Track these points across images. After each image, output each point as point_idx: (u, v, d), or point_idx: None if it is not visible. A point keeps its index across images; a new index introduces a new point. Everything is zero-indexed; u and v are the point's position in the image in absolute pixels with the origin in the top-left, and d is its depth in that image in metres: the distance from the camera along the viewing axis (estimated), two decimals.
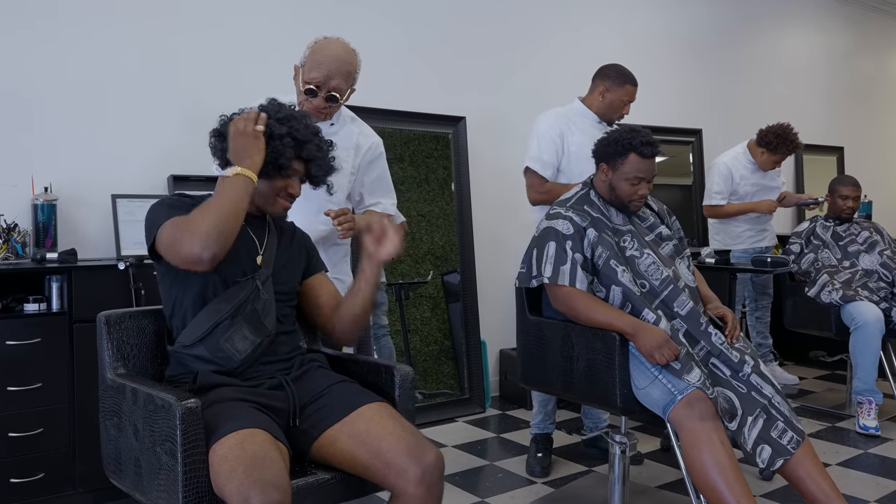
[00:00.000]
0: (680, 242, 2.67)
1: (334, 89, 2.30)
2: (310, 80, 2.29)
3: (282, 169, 1.83)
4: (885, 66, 7.25)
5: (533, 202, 3.16)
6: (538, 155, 3.11)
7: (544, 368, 2.59)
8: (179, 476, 1.54)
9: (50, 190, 2.96)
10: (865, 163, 6.80)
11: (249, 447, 1.53)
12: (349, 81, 2.35)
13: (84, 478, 2.70)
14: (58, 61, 3.03)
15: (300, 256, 2.00)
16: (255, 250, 1.87)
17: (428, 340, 3.98)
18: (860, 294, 3.78)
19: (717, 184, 4.39)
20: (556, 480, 3.05)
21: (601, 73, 3.17)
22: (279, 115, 1.83)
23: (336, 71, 2.29)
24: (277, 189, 1.87)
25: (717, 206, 4.41)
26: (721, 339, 2.39)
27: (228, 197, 1.69)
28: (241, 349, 1.75)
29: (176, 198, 1.83)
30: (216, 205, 1.67)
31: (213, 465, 1.54)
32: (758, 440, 2.27)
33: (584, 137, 3.04)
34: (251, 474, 1.46)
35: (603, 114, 3.14)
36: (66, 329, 2.69)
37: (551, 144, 3.09)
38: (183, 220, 1.68)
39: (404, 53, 4.03)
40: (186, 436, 1.54)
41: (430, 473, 1.66)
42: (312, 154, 1.88)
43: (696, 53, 5.50)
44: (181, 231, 1.66)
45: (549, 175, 3.10)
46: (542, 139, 3.11)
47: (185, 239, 1.64)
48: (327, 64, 2.28)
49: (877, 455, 3.36)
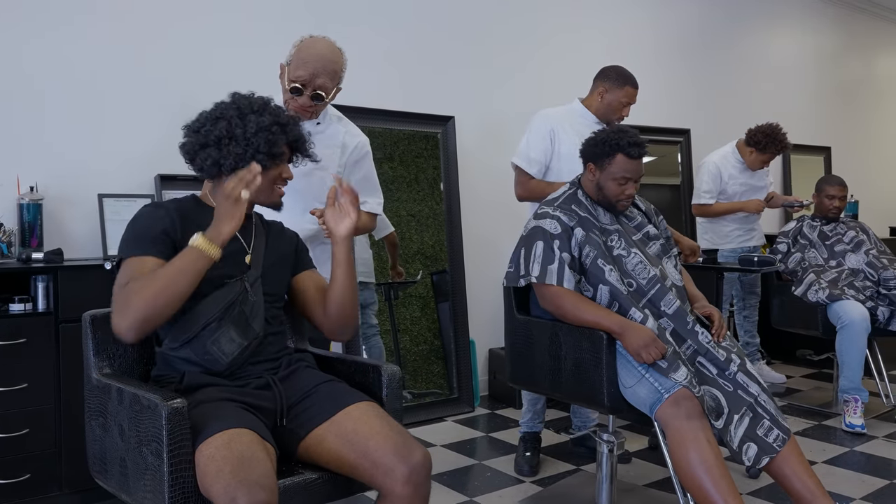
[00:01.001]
0: (667, 242, 2.68)
1: (320, 88, 2.30)
2: (295, 78, 2.29)
3: (277, 157, 1.83)
4: (872, 67, 7.30)
5: (518, 198, 3.20)
6: (526, 152, 3.13)
7: (532, 368, 2.60)
8: (165, 476, 1.53)
9: (36, 189, 2.95)
10: (852, 163, 6.84)
11: (236, 447, 1.53)
12: (335, 80, 2.35)
13: (70, 478, 2.69)
14: (44, 61, 3.02)
15: (288, 256, 1.99)
16: (243, 251, 1.86)
17: (417, 340, 3.98)
18: (846, 293, 3.80)
19: (706, 183, 4.41)
20: (544, 479, 3.05)
21: (602, 74, 3.18)
22: (255, 107, 1.81)
23: (321, 69, 2.29)
24: (273, 178, 1.86)
25: (706, 206, 4.43)
26: (708, 338, 2.41)
27: (174, 278, 1.63)
28: (227, 352, 1.74)
29: (149, 217, 1.76)
30: (161, 283, 1.62)
31: (199, 466, 1.54)
32: (744, 438, 2.28)
33: (579, 138, 3.05)
34: (238, 474, 1.46)
35: (602, 115, 3.14)
36: (52, 329, 2.67)
37: (541, 142, 3.11)
38: (123, 290, 1.65)
39: (393, 52, 4.02)
40: (172, 436, 1.53)
41: (418, 473, 1.66)
42: (297, 134, 1.88)
43: (684, 54, 5.53)
44: (118, 300, 1.65)
45: (534, 172, 3.11)
46: (532, 136, 3.13)
47: (116, 311, 1.64)
48: (313, 62, 2.28)
49: (863, 453, 3.38)
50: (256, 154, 1.77)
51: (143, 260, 1.69)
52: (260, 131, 1.78)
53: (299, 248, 2.05)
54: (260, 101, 1.85)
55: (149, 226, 1.74)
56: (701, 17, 5.63)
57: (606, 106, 3.12)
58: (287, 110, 1.92)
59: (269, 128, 1.79)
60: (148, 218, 1.77)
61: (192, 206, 1.87)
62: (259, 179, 1.72)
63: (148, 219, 1.76)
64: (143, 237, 1.72)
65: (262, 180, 1.78)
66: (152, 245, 1.71)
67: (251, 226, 1.93)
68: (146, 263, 1.68)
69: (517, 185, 3.17)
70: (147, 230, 1.73)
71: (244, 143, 1.77)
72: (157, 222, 1.75)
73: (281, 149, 1.83)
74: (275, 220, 2.05)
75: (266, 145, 1.78)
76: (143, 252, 1.70)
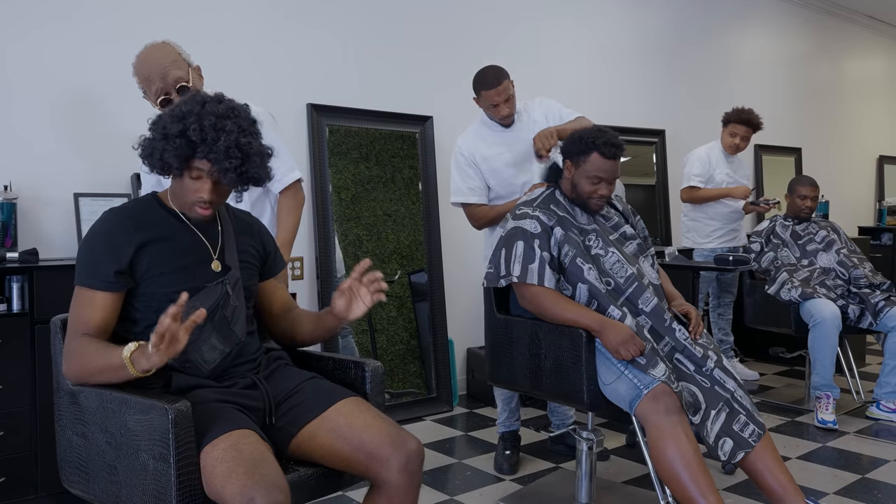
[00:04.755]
0: (644, 241, 2.71)
1: (176, 81, 2.33)
2: (157, 91, 2.34)
3: (168, 168, 1.70)
4: (841, 69, 7.43)
5: (478, 229, 3.19)
6: (460, 187, 3.10)
7: (512, 366, 2.61)
8: (173, 480, 1.51)
9: (10, 188, 2.90)
10: (822, 163, 6.96)
11: (245, 448, 1.53)
12: (182, 66, 2.38)
13: (46, 481, 2.65)
14: (18, 60, 2.98)
15: (257, 254, 1.93)
16: (209, 255, 1.79)
17: (394, 340, 3.98)
18: (818, 292, 3.86)
19: (696, 167, 4.48)
20: (524, 477, 3.07)
21: (473, 84, 3.08)
22: (175, 113, 1.68)
23: (164, 69, 2.33)
24: (188, 191, 1.73)
25: (695, 189, 4.48)
26: (685, 335, 2.44)
27: (100, 371, 1.62)
28: (209, 359, 1.70)
29: (102, 241, 1.70)
30: (90, 368, 1.63)
31: (206, 468, 1.52)
32: (720, 433, 2.32)
33: (494, 147, 3.06)
34: (253, 475, 1.46)
35: (492, 118, 3.09)
36: (27, 330, 2.64)
37: (467, 170, 3.08)
38: (69, 341, 1.68)
39: (371, 51, 4.02)
40: (179, 439, 1.51)
41: (413, 461, 1.69)
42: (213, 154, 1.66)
43: (659, 55, 5.58)
44: (66, 347, 1.69)
45: (478, 200, 3.08)
46: (458, 170, 3.11)
47: (64, 356, 1.70)
48: (154, 70, 2.33)
49: (834, 448, 3.44)
50: (164, 154, 1.67)
51: (93, 296, 1.68)
52: (166, 138, 1.67)
53: (267, 247, 1.98)
54: (196, 103, 1.70)
55: (101, 253, 1.69)
56: (676, 19, 5.70)
57: (487, 110, 3.07)
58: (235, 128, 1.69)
59: (175, 136, 1.66)
60: (102, 243, 1.70)
61: (149, 208, 1.79)
62: (202, 314, 1.52)
63: (100, 244, 1.70)
64: (93, 267, 1.68)
65: (176, 186, 1.75)
66: (104, 280, 1.67)
67: (216, 226, 1.84)
68: (95, 299, 1.68)
69: (470, 219, 3.15)
70: (99, 259, 1.68)
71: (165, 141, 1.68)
72: (110, 250, 1.69)
73: (177, 161, 1.67)
74: (242, 211, 1.99)
75: (163, 151, 1.67)
76: (91, 285, 1.68)
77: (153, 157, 1.70)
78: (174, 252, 1.75)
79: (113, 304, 1.70)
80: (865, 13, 7.37)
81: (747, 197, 4.50)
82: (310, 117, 3.75)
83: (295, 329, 1.97)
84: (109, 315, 1.70)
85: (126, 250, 1.69)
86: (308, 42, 3.78)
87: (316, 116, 3.77)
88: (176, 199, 1.79)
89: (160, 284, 1.71)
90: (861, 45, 7.64)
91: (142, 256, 1.71)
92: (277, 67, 3.67)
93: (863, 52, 7.68)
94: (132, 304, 1.74)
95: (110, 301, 1.69)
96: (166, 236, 1.75)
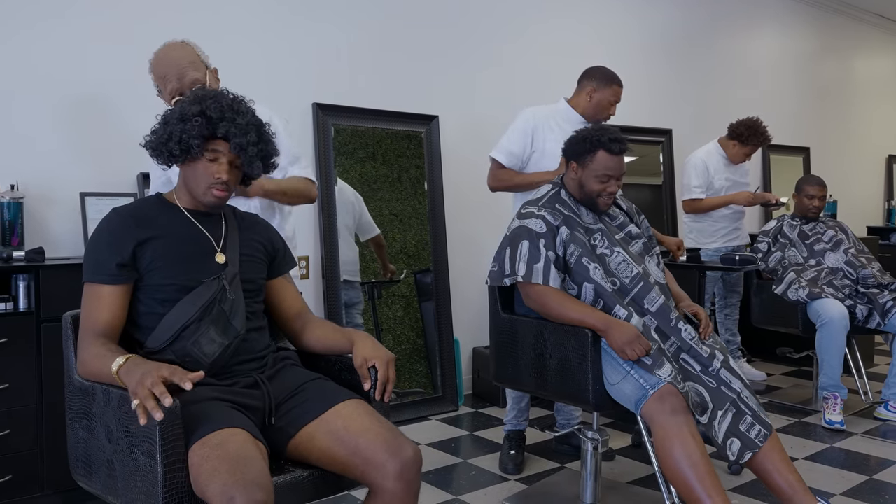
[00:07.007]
0: (649, 241, 2.70)
1: (193, 83, 2.32)
2: (172, 92, 2.33)
3: (190, 150, 1.76)
4: (850, 68, 7.39)
5: (490, 188, 3.27)
6: (507, 146, 3.18)
7: (517, 366, 2.61)
8: (159, 477, 1.51)
9: (16, 188, 2.91)
10: (830, 163, 6.93)
11: (231, 447, 1.52)
12: (200, 68, 2.37)
13: (52, 479, 2.66)
14: (23, 58, 2.98)
15: (264, 250, 1.96)
16: (212, 248, 1.83)
17: (400, 339, 3.98)
18: (826, 292, 3.84)
19: (695, 178, 4.45)
20: (529, 477, 3.06)
21: (587, 75, 3.22)
22: (190, 99, 1.78)
23: (182, 70, 2.32)
24: (205, 174, 1.80)
25: (697, 200, 4.46)
26: (691, 335, 2.43)
27: (96, 376, 1.68)
28: (208, 353, 1.72)
29: (106, 239, 1.76)
30: (90, 371, 1.69)
31: (193, 466, 1.52)
32: (727, 434, 2.31)
33: (563, 136, 3.06)
34: (235, 474, 1.45)
35: (591, 114, 3.17)
36: (34, 329, 2.64)
37: (521, 138, 3.16)
38: (80, 337, 1.74)
39: (377, 51, 4.02)
40: (166, 436, 1.51)
41: (409, 469, 1.67)
42: (230, 132, 1.77)
43: (666, 54, 5.56)
44: (79, 338, 1.74)
45: (509, 165, 3.18)
46: (514, 131, 3.19)
47: (76, 356, 1.76)
48: (169, 70, 2.32)
49: (842, 449, 3.42)
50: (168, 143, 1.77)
51: (100, 290, 1.73)
52: (182, 120, 1.76)
53: (275, 244, 2.01)
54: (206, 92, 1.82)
55: (104, 249, 1.75)
56: (682, 18, 5.68)
57: (595, 105, 3.16)
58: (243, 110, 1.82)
59: (193, 117, 1.75)
60: (105, 240, 1.76)
61: (153, 206, 1.85)
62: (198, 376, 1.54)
63: (103, 240, 1.76)
64: (97, 263, 1.74)
65: (188, 172, 1.81)
66: (107, 274, 1.73)
67: (219, 220, 1.89)
68: (102, 294, 1.73)
69: (490, 176, 3.24)
70: (102, 254, 1.74)
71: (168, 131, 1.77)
72: (112, 244, 1.74)
73: (197, 140, 1.75)
74: (249, 212, 2.02)
75: (182, 133, 1.75)
76: (98, 280, 1.74)
77: (170, 142, 1.76)
78: (177, 245, 1.79)
79: (120, 299, 1.74)
80: (874, 11, 7.32)
81: (750, 202, 4.46)
82: (315, 117, 3.75)
83: (304, 334, 1.99)
84: (117, 310, 1.74)
85: (128, 244, 1.74)
86: (313, 41, 3.78)
87: (322, 116, 3.77)
88: (188, 187, 1.84)
89: (163, 276, 1.75)
90: (870, 43, 7.60)
91: (145, 250, 1.75)
92: (282, 66, 3.67)
93: (872, 50, 7.64)
94: (137, 297, 1.77)
95: (117, 296, 1.73)
96: (170, 231, 1.80)
